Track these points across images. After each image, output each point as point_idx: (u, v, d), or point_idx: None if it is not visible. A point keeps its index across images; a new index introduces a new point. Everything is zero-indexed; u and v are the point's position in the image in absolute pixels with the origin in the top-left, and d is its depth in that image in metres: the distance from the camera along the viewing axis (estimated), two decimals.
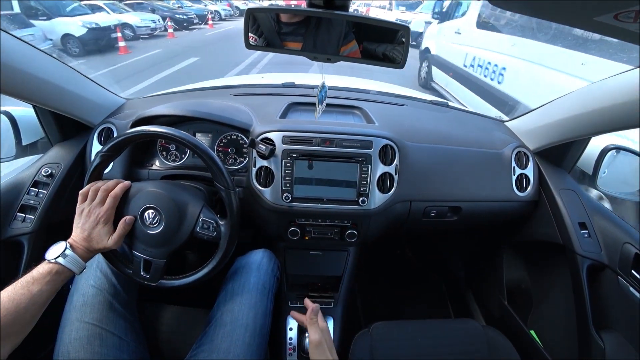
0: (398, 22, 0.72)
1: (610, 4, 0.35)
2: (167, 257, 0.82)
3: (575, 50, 2.88)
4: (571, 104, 1.00)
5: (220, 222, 0.83)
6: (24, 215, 0.97)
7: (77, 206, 0.77)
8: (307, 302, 0.89)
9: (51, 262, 0.68)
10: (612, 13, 0.36)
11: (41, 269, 0.67)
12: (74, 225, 0.76)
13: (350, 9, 0.68)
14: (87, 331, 0.79)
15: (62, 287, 0.70)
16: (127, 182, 0.82)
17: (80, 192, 0.78)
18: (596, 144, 1.10)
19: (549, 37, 3.27)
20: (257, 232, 1.14)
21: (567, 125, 1.02)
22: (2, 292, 0.62)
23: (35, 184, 1.00)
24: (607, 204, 1.13)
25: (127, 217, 0.79)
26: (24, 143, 1.09)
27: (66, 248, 0.70)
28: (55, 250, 0.70)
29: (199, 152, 0.80)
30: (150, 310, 0.99)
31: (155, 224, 0.80)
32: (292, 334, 1.10)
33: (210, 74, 6.18)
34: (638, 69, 0.77)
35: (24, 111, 1.11)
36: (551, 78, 3.01)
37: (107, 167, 0.83)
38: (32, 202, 0.98)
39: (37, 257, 0.98)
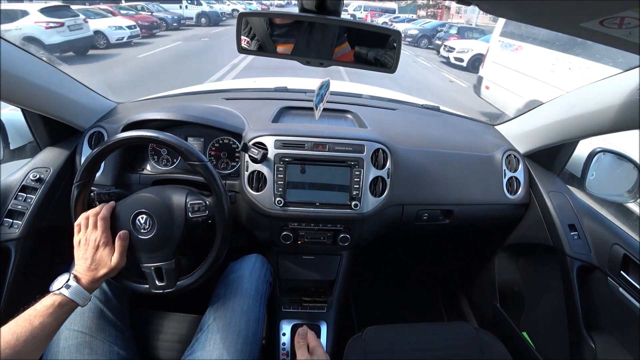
0: (390, 27, 0.73)
1: (595, 10, 0.35)
2: (173, 257, 0.81)
3: None
4: (560, 108, 1.02)
5: (208, 200, 0.83)
6: (11, 220, 0.95)
7: (74, 238, 0.77)
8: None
9: (55, 294, 0.66)
10: (597, 19, 0.36)
11: (45, 301, 0.65)
12: (75, 257, 0.75)
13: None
14: (76, 340, 0.77)
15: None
16: (112, 202, 0.82)
17: (75, 224, 0.78)
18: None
19: None
20: (250, 237, 1.13)
21: (556, 129, 1.03)
22: (5, 325, 0.61)
23: (24, 188, 0.98)
24: None
25: (121, 232, 0.78)
26: (12, 147, 1.07)
27: (69, 279, 0.69)
28: (58, 282, 0.69)
29: (157, 141, 0.80)
30: (142, 317, 0.98)
31: (148, 227, 0.80)
32: (285, 339, 1.10)
33: None
34: (626, 73, 0.78)
35: (12, 114, 1.09)
36: None
37: (88, 191, 0.82)
38: (20, 207, 0.96)
39: (25, 263, 0.96)
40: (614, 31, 0.38)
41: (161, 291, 0.81)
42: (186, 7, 14.95)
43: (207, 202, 0.83)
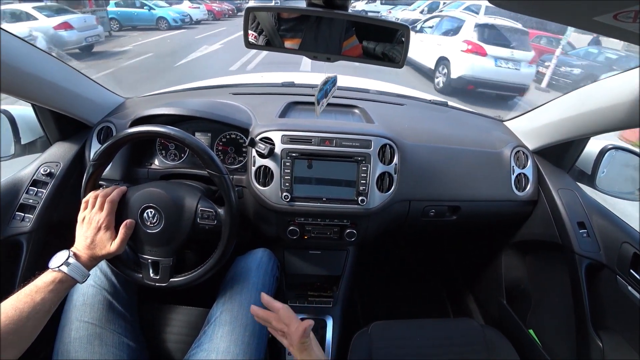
0: (398, 21, 0.72)
1: (610, 4, 0.35)
2: (173, 255, 0.82)
3: None
4: (570, 104, 1.00)
5: (220, 210, 0.83)
6: (22, 214, 0.97)
7: (79, 215, 0.78)
8: (278, 306, 0.75)
9: (55, 271, 0.68)
10: (611, 13, 0.36)
11: (45, 277, 0.67)
12: (77, 234, 0.76)
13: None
14: (86, 331, 0.79)
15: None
16: (123, 187, 0.82)
17: (83, 200, 0.79)
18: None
19: None
20: (257, 232, 1.14)
21: (566, 125, 1.02)
22: (7, 300, 0.62)
23: (35, 182, 1.00)
24: None
25: (127, 221, 0.79)
26: (23, 142, 1.09)
27: (69, 256, 0.70)
28: (58, 259, 0.70)
29: (183, 142, 0.80)
30: (150, 310, 0.99)
31: (155, 222, 0.80)
32: None
33: None
34: (637, 69, 0.77)
35: (22, 110, 1.11)
36: None
37: (101, 173, 0.83)
38: (31, 201, 0.98)
39: (36, 257, 0.98)
40: (629, 25, 0.37)
41: (153, 284, 0.83)
42: None
43: (218, 212, 0.83)
